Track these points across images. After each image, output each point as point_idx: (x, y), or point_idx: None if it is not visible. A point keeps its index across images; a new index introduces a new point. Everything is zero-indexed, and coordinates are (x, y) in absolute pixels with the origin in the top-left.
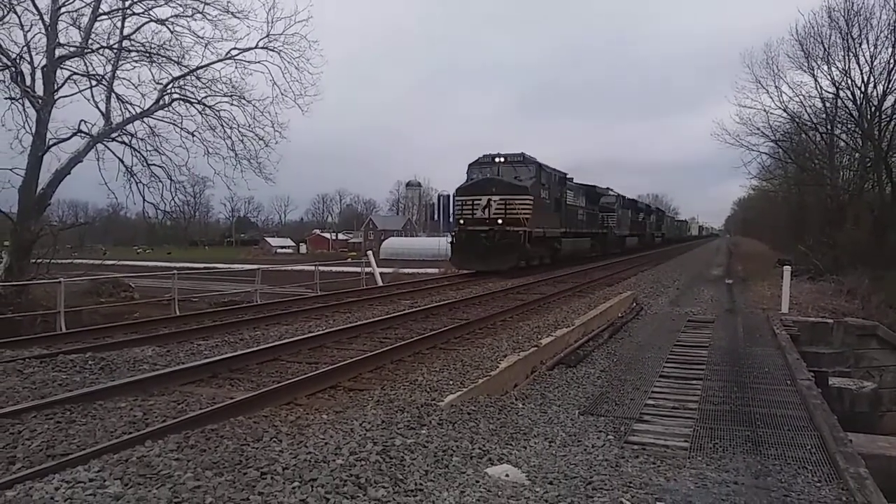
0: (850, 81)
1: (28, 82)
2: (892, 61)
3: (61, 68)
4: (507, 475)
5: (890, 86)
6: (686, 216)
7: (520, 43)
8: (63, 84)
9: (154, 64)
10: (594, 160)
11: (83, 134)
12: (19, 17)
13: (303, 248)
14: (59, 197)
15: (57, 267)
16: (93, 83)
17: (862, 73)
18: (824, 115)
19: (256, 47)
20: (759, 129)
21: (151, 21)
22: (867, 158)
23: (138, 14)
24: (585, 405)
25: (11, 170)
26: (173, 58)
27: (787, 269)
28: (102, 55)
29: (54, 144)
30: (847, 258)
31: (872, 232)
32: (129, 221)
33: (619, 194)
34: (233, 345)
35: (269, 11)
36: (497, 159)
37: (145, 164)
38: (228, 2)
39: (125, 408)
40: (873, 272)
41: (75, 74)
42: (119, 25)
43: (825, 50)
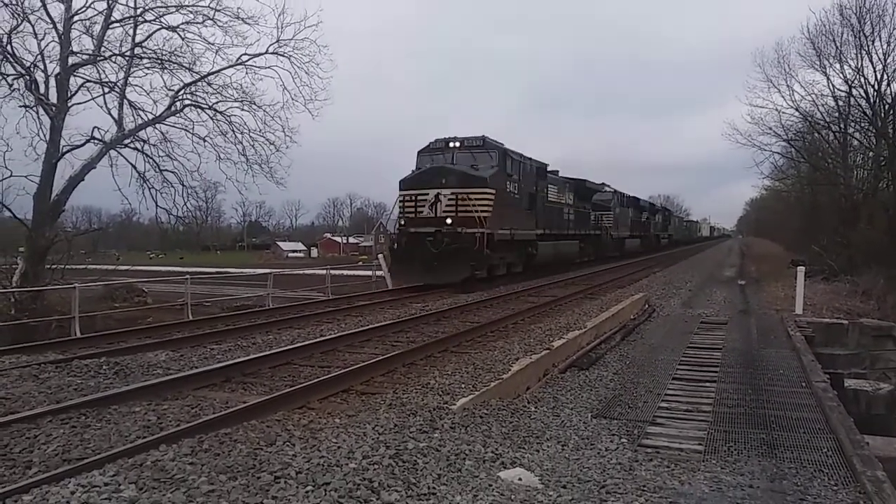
0: (864, 79)
1: (42, 90)
2: None
3: (74, 76)
4: (520, 479)
5: None
6: (698, 217)
7: (531, 44)
8: (76, 91)
9: (166, 70)
10: (604, 161)
11: (96, 141)
12: (33, 26)
13: (314, 252)
14: (73, 203)
15: (71, 272)
16: (105, 90)
17: (875, 71)
18: (837, 114)
19: (267, 52)
20: (771, 129)
21: (163, 28)
22: (881, 157)
23: (150, 21)
24: (598, 408)
25: (26, 177)
26: (185, 64)
27: (801, 270)
28: (115, 62)
29: (68, 151)
30: (862, 258)
31: (887, 231)
32: (142, 227)
33: (617, 190)
34: (245, 349)
35: (279, 17)
36: (452, 144)
37: (158, 170)
38: (239, 8)
39: (139, 412)
40: (889, 272)
41: (88, 82)
42: (131, 33)
43: (837, 48)
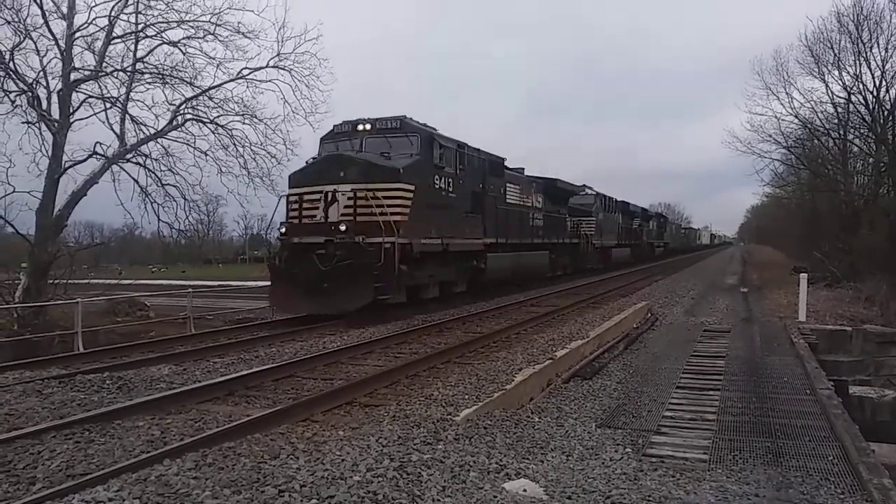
0: (862, 86)
1: (44, 106)
2: None
3: (76, 91)
4: (525, 490)
5: None
6: (699, 225)
7: (530, 48)
8: (78, 107)
9: (167, 85)
10: (604, 169)
11: (98, 156)
12: (35, 43)
13: None
14: (76, 218)
15: (74, 287)
16: (107, 105)
17: (874, 78)
18: (836, 121)
19: (267, 66)
20: (771, 136)
21: (164, 43)
22: (881, 163)
23: (151, 37)
24: (602, 418)
25: (29, 192)
26: (186, 79)
27: (804, 277)
28: (116, 78)
29: (70, 167)
30: (864, 264)
31: (889, 237)
32: (144, 241)
33: (600, 193)
34: (248, 362)
35: (280, 31)
36: (361, 127)
37: (160, 184)
38: (239, 23)
39: (143, 427)
40: (891, 278)
41: (90, 97)
42: (132, 48)
43: (835, 55)
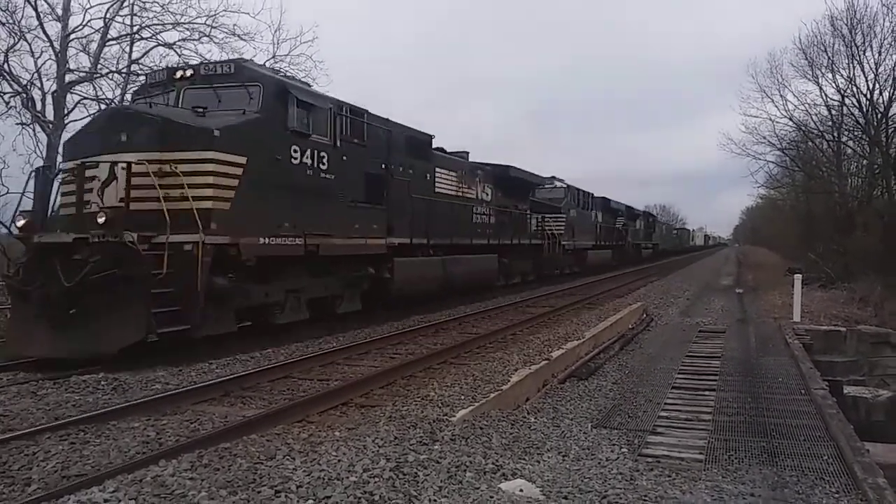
0: (856, 89)
1: (39, 107)
2: None
3: (71, 93)
4: (522, 490)
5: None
6: (694, 226)
7: (530, 57)
8: (73, 108)
9: None
10: (600, 171)
11: None
12: (30, 45)
13: None
14: None
15: None
16: (102, 107)
17: (867, 81)
18: (830, 123)
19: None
20: (765, 138)
21: (159, 45)
22: (875, 165)
23: (146, 39)
24: (598, 418)
25: (23, 193)
26: None
27: (798, 278)
28: (111, 79)
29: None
30: (858, 265)
31: (883, 239)
32: None
33: (572, 186)
34: (244, 362)
35: (275, 33)
36: (180, 74)
37: None
38: (235, 25)
39: (138, 428)
40: (885, 279)
41: (85, 99)
42: (127, 50)
43: (829, 58)
